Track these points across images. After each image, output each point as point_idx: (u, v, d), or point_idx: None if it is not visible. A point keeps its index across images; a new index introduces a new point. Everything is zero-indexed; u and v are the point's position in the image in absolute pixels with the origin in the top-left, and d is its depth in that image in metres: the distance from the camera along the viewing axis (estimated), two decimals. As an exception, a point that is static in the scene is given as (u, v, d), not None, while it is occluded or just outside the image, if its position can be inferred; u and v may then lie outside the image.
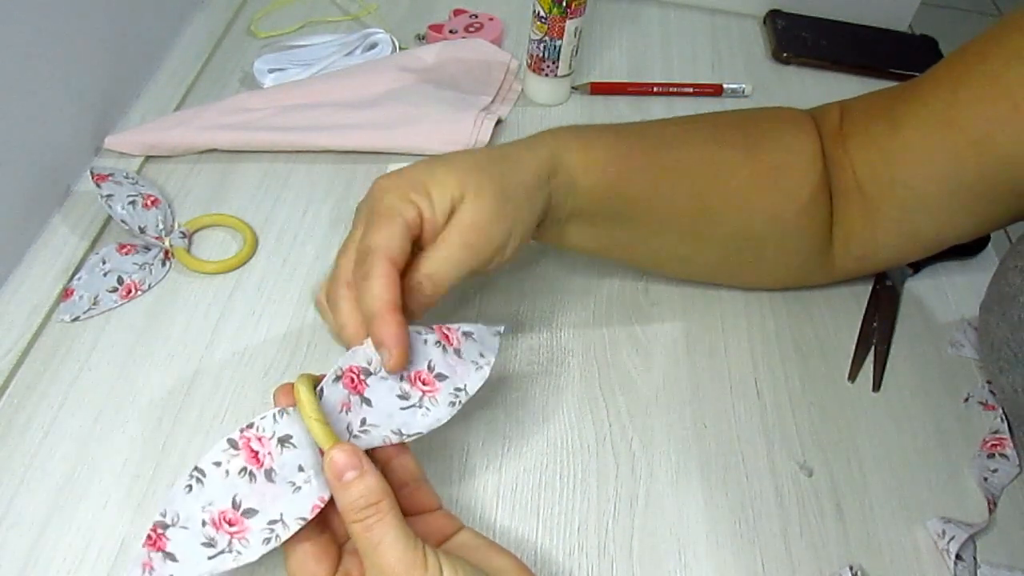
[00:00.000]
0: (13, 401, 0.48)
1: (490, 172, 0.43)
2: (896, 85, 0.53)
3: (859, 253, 0.55)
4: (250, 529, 0.34)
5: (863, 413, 0.53)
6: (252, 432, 0.35)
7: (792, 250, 0.55)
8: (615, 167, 0.48)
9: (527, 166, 0.45)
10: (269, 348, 0.52)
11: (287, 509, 0.34)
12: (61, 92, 0.56)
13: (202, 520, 0.33)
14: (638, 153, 0.50)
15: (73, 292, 0.52)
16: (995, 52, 0.46)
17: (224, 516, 0.34)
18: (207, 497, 0.34)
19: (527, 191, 0.44)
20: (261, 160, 0.64)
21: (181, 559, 0.33)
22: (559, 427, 0.50)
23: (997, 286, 0.48)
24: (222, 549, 0.33)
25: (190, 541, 0.33)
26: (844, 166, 0.52)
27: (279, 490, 0.35)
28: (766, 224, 0.53)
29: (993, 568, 0.46)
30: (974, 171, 0.47)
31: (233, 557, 0.33)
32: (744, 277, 0.58)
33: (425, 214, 0.41)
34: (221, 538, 0.33)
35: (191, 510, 0.34)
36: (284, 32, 0.76)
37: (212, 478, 0.34)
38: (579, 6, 0.66)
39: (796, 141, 0.53)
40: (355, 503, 0.34)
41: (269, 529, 0.34)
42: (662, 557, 0.45)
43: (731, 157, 0.52)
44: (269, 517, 0.34)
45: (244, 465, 0.35)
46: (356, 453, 0.35)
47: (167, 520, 0.33)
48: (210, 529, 0.33)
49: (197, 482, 0.34)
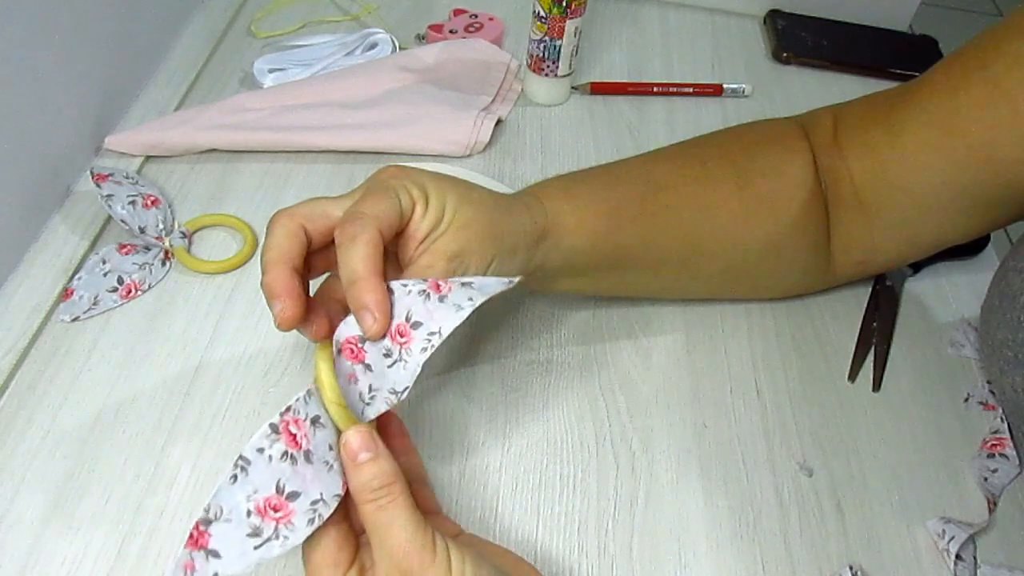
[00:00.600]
0: (13, 401, 0.48)
1: (487, 211, 0.42)
2: (890, 88, 0.53)
3: (859, 259, 0.55)
4: (295, 512, 0.34)
5: (863, 413, 0.53)
6: (289, 416, 0.35)
7: (788, 269, 0.55)
8: (606, 221, 0.48)
9: (519, 223, 0.44)
10: (269, 348, 0.52)
11: (325, 488, 0.35)
12: (61, 92, 0.56)
13: (247, 510, 0.33)
14: (628, 202, 0.49)
15: (73, 292, 0.53)
16: (995, 57, 0.46)
17: (269, 503, 0.34)
18: (252, 485, 0.34)
19: (513, 243, 0.43)
20: (261, 160, 0.64)
21: (224, 555, 0.33)
22: (559, 427, 0.50)
23: (998, 287, 0.48)
24: (268, 537, 0.33)
25: (235, 534, 0.33)
26: (841, 175, 0.52)
27: (317, 470, 0.35)
28: (760, 252, 0.53)
29: (993, 568, 0.46)
30: (974, 176, 0.47)
31: (280, 543, 0.33)
32: (743, 295, 0.58)
33: (416, 213, 0.40)
34: (267, 526, 0.33)
35: (236, 501, 0.33)
36: (284, 32, 0.76)
37: (256, 465, 0.34)
38: (579, 6, 0.66)
39: (786, 163, 0.53)
40: (368, 484, 0.34)
41: (312, 510, 0.34)
42: (662, 557, 0.45)
43: (721, 193, 0.51)
44: (311, 498, 0.34)
45: (285, 449, 0.35)
46: (371, 435, 0.35)
47: (210, 516, 0.33)
48: (255, 518, 0.33)
49: (242, 471, 0.34)
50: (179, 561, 0.32)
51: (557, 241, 0.46)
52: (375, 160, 0.65)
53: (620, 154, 0.69)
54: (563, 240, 0.46)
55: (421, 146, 0.65)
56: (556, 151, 0.69)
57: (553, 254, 0.46)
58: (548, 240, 0.45)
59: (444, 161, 0.66)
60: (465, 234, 0.40)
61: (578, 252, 0.47)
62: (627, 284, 0.53)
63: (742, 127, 0.56)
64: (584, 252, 0.47)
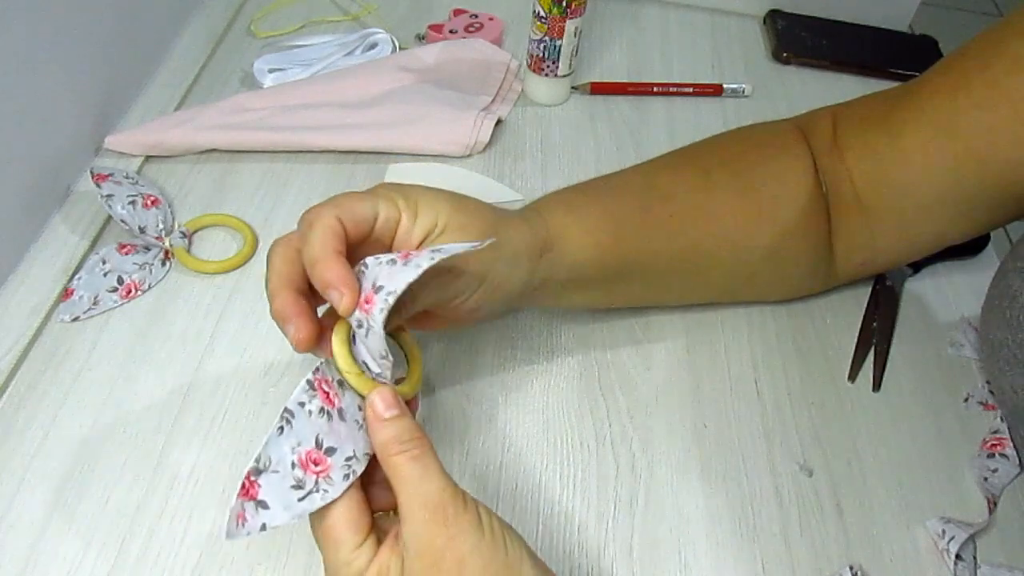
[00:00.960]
0: (13, 401, 0.48)
1: (484, 222, 0.42)
2: (890, 89, 0.53)
3: (860, 260, 0.55)
4: (332, 467, 0.35)
5: (863, 413, 0.53)
6: (320, 375, 0.37)
7: (789, 274, 0.55)
8: (610, 232, 0.48)
9: (520, 236, 0.44)
10: (269, 348, 0.52)
11: (358, 445, 0.36)
12: (61, 92, 0.56)
13: (291, 462, 0.34)
14: (631, 213, 0.49)
15: (73, 292, 0.53)
16: (995, 58, 0.46)
17: (310, 456, 0.35)
18: (296, 438, 0.35)
19: (513, 256, 0.43)
20: (261, 160, 0.64)
21: (272, 505, 0.34)
22: (559, 427, 0.50)
23: (998, 287, 0.48)
24: (310, 490, 0.34)
25: (280, 485, 0.34)
26: (842, 177, 0.52)
27: (349, 428, 0.36)
28: (763, 258, 0.53)
29: (993, 568, 0.46)
30: (974, 178, 0.47)
31: (321, 496, 0.34)
32: (746, 299, 0.58)
33: (403, 222, 0.40)
34: (309, 479, 0.34)
35: (283, 452, 0.34)
36: (284, 32, 0.76)
37: (299, 418, 0.35)
38: (579, 6, 0.66)
39: (787, 169, 0.52)
40: (398, 436, 0.35)
41: (347, 465, 0.35)
42: (662, 557, 0.45)
43: (724, 200, 0.51)
44: (346, 454, 0.35)
45: (321, 405, 0.36)
46: (394, 395, 0.36)
47: (260, 466, 0.34)
48: (299, 471, 0.34)
49: (287, 423, 0.35)
50: (232, 512, 0.33)
51: (561, 253, 0.46)
52: (375, 160, 0.65)
53: (620, 154, 0.69)
54: (567, 252, 0.46)
55: (421, 146, 0.65)
56: (556, 151, 0.69)
57: (558, 267, 0.46)
58: (552, 252, 0.45)
59: (444, 161, 0.66)
60: (461, 238, 0.40)
61: (584, 264, 0.47)
62: (634, 295, 0.53)
63: (742, 132, 0.56)
64: (590, 263, 0.47)
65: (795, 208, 0.52)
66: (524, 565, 0.35)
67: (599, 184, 0.51)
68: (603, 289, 0.50)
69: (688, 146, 0.55)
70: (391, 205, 0.40)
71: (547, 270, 0.45)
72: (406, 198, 0.40)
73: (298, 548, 0.43)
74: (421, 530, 0.33)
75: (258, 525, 0.33)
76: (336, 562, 0.34)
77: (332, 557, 0.35)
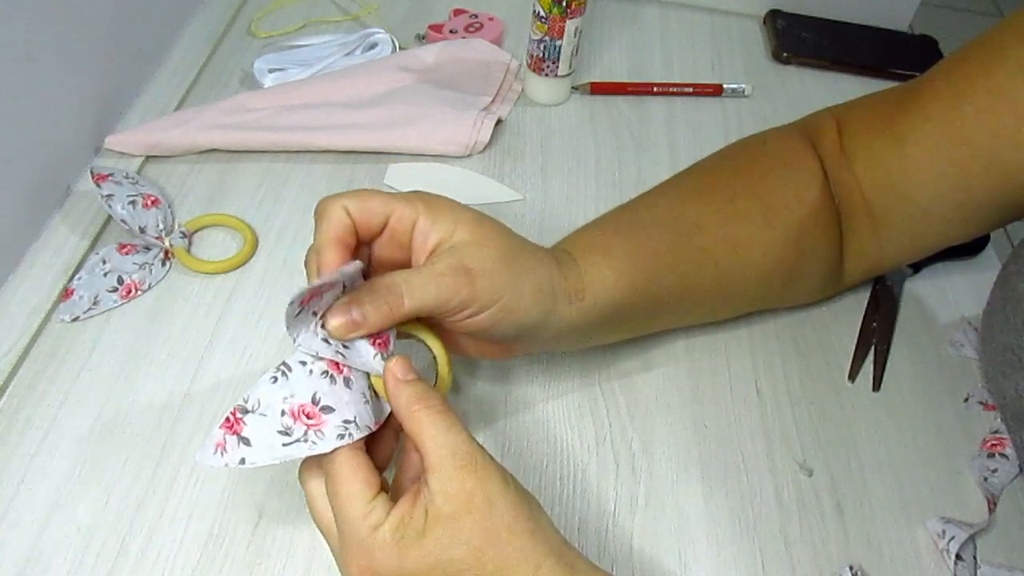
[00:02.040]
0: (13, 401, 0.48)
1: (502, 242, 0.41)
2: (891, 90, 0.53)
3: (868, 266, 0.55)
4: (327, 423, 0.35)
5: (863, 413, 0.53)
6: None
7: (804, 288, 0.56)
8: (645, 275, 0.46)
9: (548, 275, 0.42)
10: (269, 348, 0.52)
11: (360, 414, 0.36)
12: (61, 92, 0.56)
13: (281, 410, 0.35)
14: (664, 251, 0.48)
15: (73, 292, 0.53)
16: (998, 65, 0.46)
17: (303, 409, 0.35)
18: (290, 389, 0.35)
19: (537, 288, 0.42)
20: (261, 160, 0.64)
21: (255, 444, 0.34)
22: (559, 427, 0.50)
23: (1001, 291, 0.48)
24: (298, 438, 0.35)
25: (267, 428, 0.34)
26: (852, 187, 0.52)
27: (354, 396, 0.37)
28: (783, 283, 0.53)
29: (993, 568, 0.46)
30: (980, 183, 0.47)
31: (308, 447, 0.35)
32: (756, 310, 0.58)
33: (420, 224, 0.40)
34: (298, 428, 0.35)
35: (273, 399, 0.35)
36: (284, 32, 0.76)
37: (296, 374, 0.36)
38: (579, 6, 0.66)
39: (804, 188, 0.52)
40: (420, 393, 0.36)
41: (344, 426, 0.35)
42: (662, 557, 0.45)
43: (750, 230, 0.50)
44: (344, 416, 0.36)
45: (326, 369, 0.36)
46: (412, 365, 0.38)
47: (248, 406, 0.35)
48: (288, 419, 0.35)
49: (283, 375, 0.35)
50: (212, 438, 0.34)
51: (595, 299, 0.44)
52: (375, 160, 0.65)
53: (620, 154, 0.69)
54: (600, 299, 0.45)
55: (421, 146, 0.65)
56: (556, 151, 0.69)
57: (590, 314, 0.45)
58: (583, 301, 0.44)
59: (444, 161, 0.66)
60: (481, 253, 0.40)
61: (617, 307, 0.46)
62: (660, 326, 0.53)
63: (753, 147, 0.55)
64: (622, 305, 0.46)
65: (816, 231, 0.52)
66: (544, 517, 0.36)
67: (628, 219, 0.50)
68: (632, 326, 0.50)
69: (708, 166, 0.54)
70: (409, 207, 0.40)
71: (578, 317, 0.44)
72: (427, 204, 0.40)
73: (298, 548, 0.43)
74: (453, 475, 0.34)
75: (237, 459, 0.34)
76: (351, 518, 0.34)
77: (346, 513, 0.35)
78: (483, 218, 0.41)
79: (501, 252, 0.40)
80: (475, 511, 0.34)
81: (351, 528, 0.34)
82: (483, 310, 0.40)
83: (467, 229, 0.40)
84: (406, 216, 0.39)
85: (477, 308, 0.40)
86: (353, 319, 0.37)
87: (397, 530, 0.34)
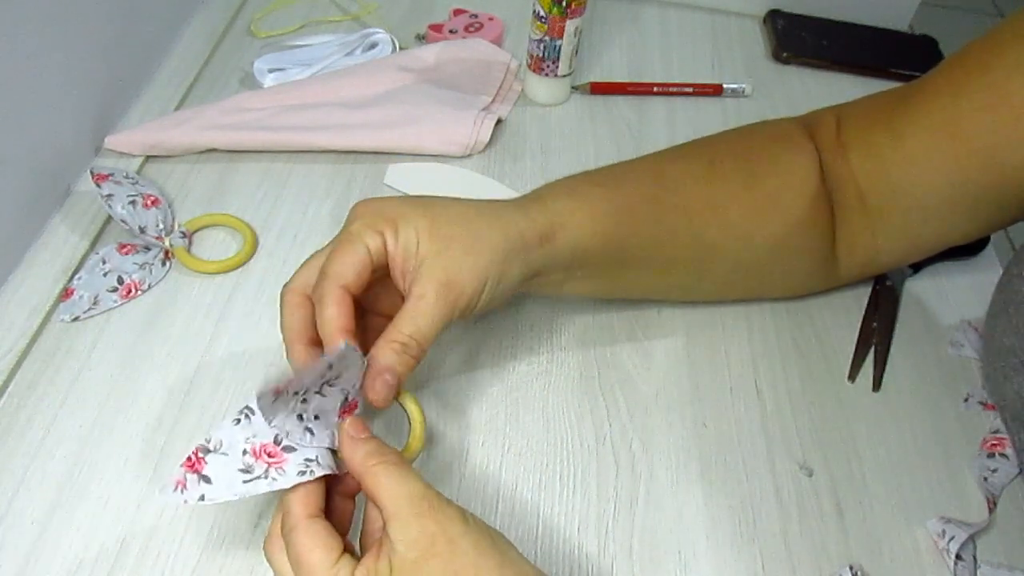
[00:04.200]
0: (13, 401, 0.48)
1: (466, 225, 0.43)
2: (893, 89, 0.53)
3: (862, 260, 0.55)
4: (288, 461, 0.36)
5: (863, 413, 0.53)
6: None
7: (795, 268, 0.55)
8: (616, 220, 0.48)
9: (514, 227, 0.44)
10: (269, 348, 0.52)
11: (321, 456, 0.37)
12: (61, 92, 0.56)
13: (243, 449, 0.36)
14: (637, 202, 0.49)
15: (73, 292, 0.53)
16: (997, 62, 0.46)
17: (265, 449, 0.36)
18: (252, 430, 0.36)
19: (507, 250, 0.43)
20: (261, 160, 0.64)
21: (215, 481, 0.35)
22: (559, 427, 0.50)
23: (1003, 294, 0.48)
24: (258, 475, 0.35)
25: (228, 467, 0.35)
26: (846, 178, 0.52)
27: (318, 441, 0.38)
28: (768, 250, 0.52)
29: (993, 568, 0.46)
30: (976, 180, 0.47)
31: (268, 483, 0.35)
32: (748, 295, 0.58)
33: (388, 246, 0.41)
34: (259, 466, 0.36)
35: (235, 439, 0.36)
36: (284, 32, 0.76)
37: (259, 417, 0.36)
38: (579, 6, 0.66)
39: (793, 162, 0.53)
40: (375, 450, 0.37)
41: (305, 463, 0.36)
42: (662, 557, 0.45)
43: (729, 191, 0.51)
44: (307, 455, 0.37)
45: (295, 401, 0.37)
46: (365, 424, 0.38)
47: (210, 446, 0.35)
48: (249, 458, 0.36)
49: (246, 418, 0.36)
50: (173, 478, 0.34)
51: (564, 239, 0.46)
52: (375, 160, 0.65)
53: (620, 154, 0.69)
54: (570, 238, 0.46)
55: (421, 146, 0.65)
56: (556, 151, 0.69)
57: (560, 254, 0.46)
58: (552, 242, 0.45)
59: (444, 161, 0.66)
60: (448, 255, 0.41)
61: (587, 251, 0.47)
62: (638, 285, 0.53)
63: (748, 127, 0.56)
64: (594, 251, 0.47)
65: (800, 201, 0.52)
66: (512, 550, 0.36)
67: (605, 172, 0.51)
68: (607, 277, 0.50)
69: (695, 140, 0.55)
70: (373, 234, 0.41)
71: (548, 257, 0.45)
72: (384, 217, 0.42)
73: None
74: (411, 522, 0.34)
75: (197, 495, 0.34)
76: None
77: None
78: (435, 215, 0.42)
79: (465, 246, 0.42)
80: (439, 554, 0.34)
81: None
82: (478, 300, 0.42)
83: (426, 237, 0.41)
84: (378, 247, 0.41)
85: (473, 302, 0.42)
86: (389, 384, 0.39)
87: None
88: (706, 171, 0.52)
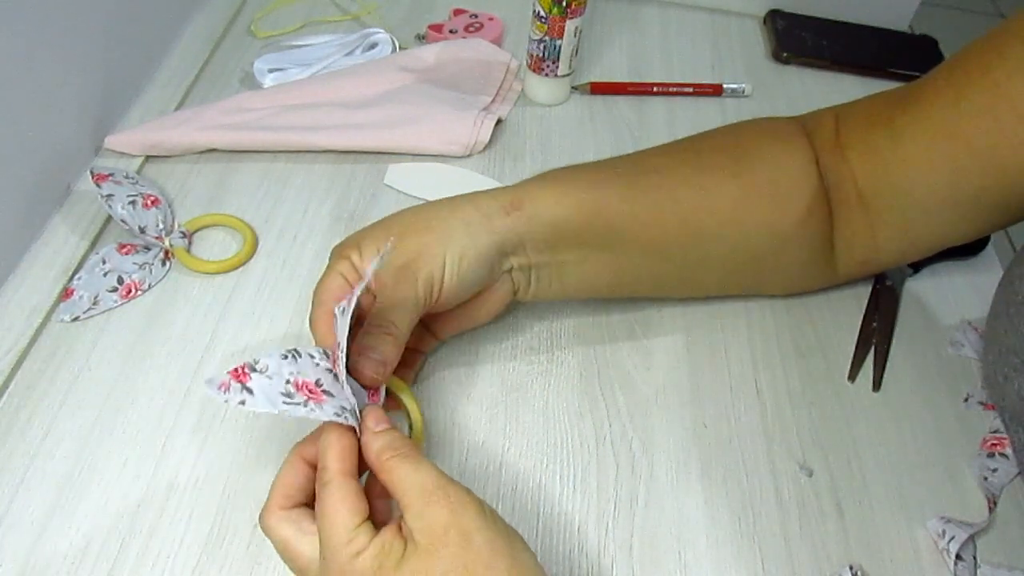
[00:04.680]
0: (13, 401, 0.48)
1: (417, 214, 0.46)
2: (893, 89, 0.53)
3: (861, 258, 0.55)
4: (327, 402, 0.37)
5: (863, 413, 0.53)
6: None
7: (792, 261, 0.55)
8: (592, 194, 0.48)
9: (470, 203, 0.46)
10: (269, 348, 0.52)
11: (353, 409, 0.38)
12: (61, 92, 0.56)
13: (286, 379, 0.37)
14: (615, 180, 0.50)
15: (73, 292, 0.53)
16: (998, 63, 0.46)
17: (307, 385, 0.37)
18: (297, 367, 0.38)
19: (465, 222, 0.45)
20: (261, 160, 0.64)
21: (257, 395, 0.36)
22: (559, 427, 0.50)
23: (1004, 294, 0.48)
24: (298, 402, 0.36)
25: (270, 388, 0.36)
26: (845, 176, 0.52)
27: (348, 395, 0.39)
28: (763, 239, 0.52)
29: (993, 568, 0.46)
30: (976, 180, 0.47)
31: (307, 411, 0.36)
32: (747, 290, 0.58)
33: (355, 263, 0.44)
34: (299, 396, 0.37)
35: (281, 370, 0.37)
36: (284, 32, 0.76)
37: (305, 360, 0.38)
38: (579, 6, 0.66)
39: (785, 155, 0.53)
40: (391, 443, 0.37)
41: (340, 408, 0.37)
42: (662, 557, 0.45)
43: (716, 178, 0.51)
44: (342, 404, 0.38)
45: (329, 367, 0.39)
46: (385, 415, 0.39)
47: (257, 367, 0.36)
48: (291, 388, 0.37)
49: (293, 357, 0.38)
50: (218, 377, 0.35)
51: (532, 207, 0.47)
52: (375, 160, 0.65)
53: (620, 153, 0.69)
54: (542, 209, 0.47)
55: (421, 146, 0.65)
56: (556, 151, 0.69)
57: (535, 224, 0.47)
58: (522, 207, 0.47)
59: (444, 161, 0.66)
60: (402, 244, 0.44)
61: (565, 220, 0.47)
62: (636, 274, 0.52)
63: (740, 123, 0.56)
64: (572, 221, 0.48)
65: (797, 194, 0.52)
66: (526, 554, 0.36)
67: (591, 162, 0.53)
68: (601, 261, 0.50)
69: (685, 138, 0.56)
70: (341, 260, 0.44)
71: (520, 226, 0.46)
72: (349, 243, 0.45)
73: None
74: (424, 511, 0.35)
75: (237, 400, 0.35)
76: (335, 543, 0.35)
77: (331, 538, 0.35)
78: (391, 223, 0.46)
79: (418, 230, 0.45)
80: (451, 545, 0.34)
81: (333, 555, 0.35)
82: (442, 275, 0.44)
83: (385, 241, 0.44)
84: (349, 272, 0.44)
85: (438, 278, 0.44)
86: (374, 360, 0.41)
87: (376, 557, 0.34)
88: (692, 160, 0.52)
